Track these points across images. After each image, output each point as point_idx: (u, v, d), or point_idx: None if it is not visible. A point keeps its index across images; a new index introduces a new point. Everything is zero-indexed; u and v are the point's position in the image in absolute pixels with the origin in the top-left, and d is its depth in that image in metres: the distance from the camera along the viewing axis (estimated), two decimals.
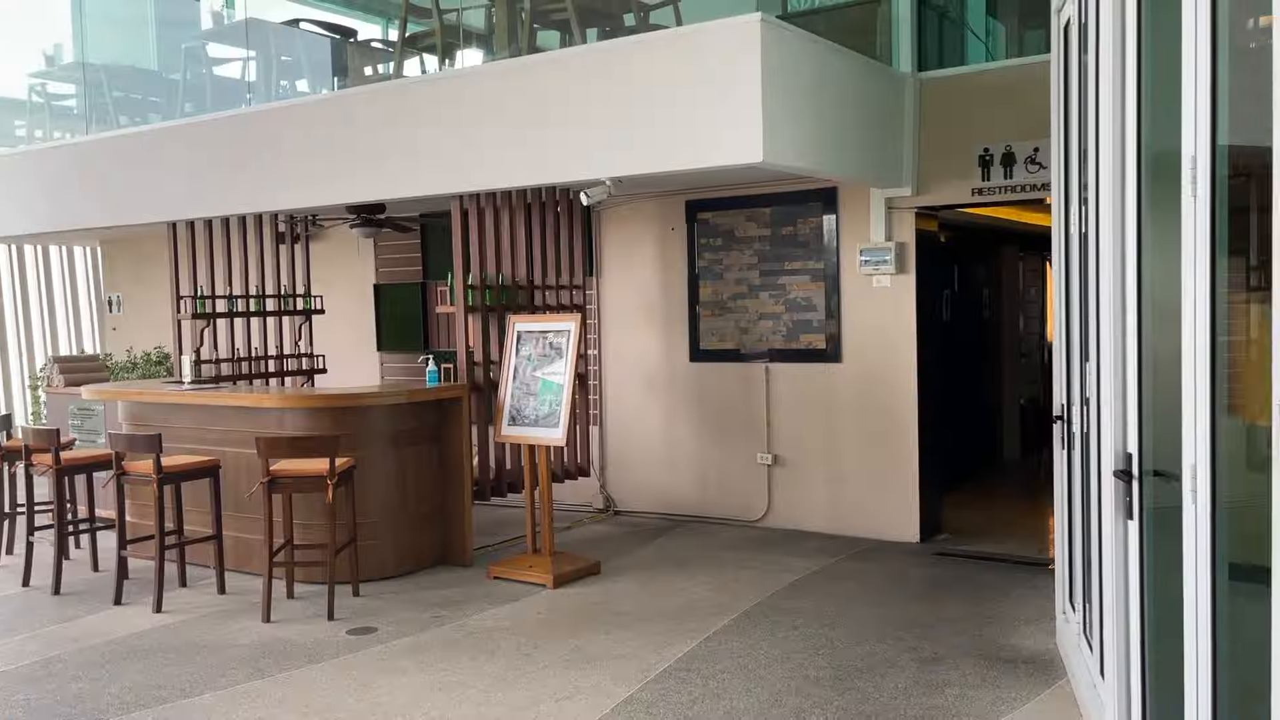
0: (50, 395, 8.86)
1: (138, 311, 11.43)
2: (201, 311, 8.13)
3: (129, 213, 8.35)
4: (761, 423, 7.61)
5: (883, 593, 5.93)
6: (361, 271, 9.78)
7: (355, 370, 9.65)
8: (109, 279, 11.84)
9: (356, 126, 6.97)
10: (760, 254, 7.61)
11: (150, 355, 10.49)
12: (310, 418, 6.38)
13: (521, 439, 6.48)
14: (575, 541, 7.33)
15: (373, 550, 6.42)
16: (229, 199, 7.67)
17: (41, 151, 8.95)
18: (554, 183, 6.45)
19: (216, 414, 6.72)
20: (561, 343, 6.44)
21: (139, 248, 11.32)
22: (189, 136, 7.89)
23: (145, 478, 5.97)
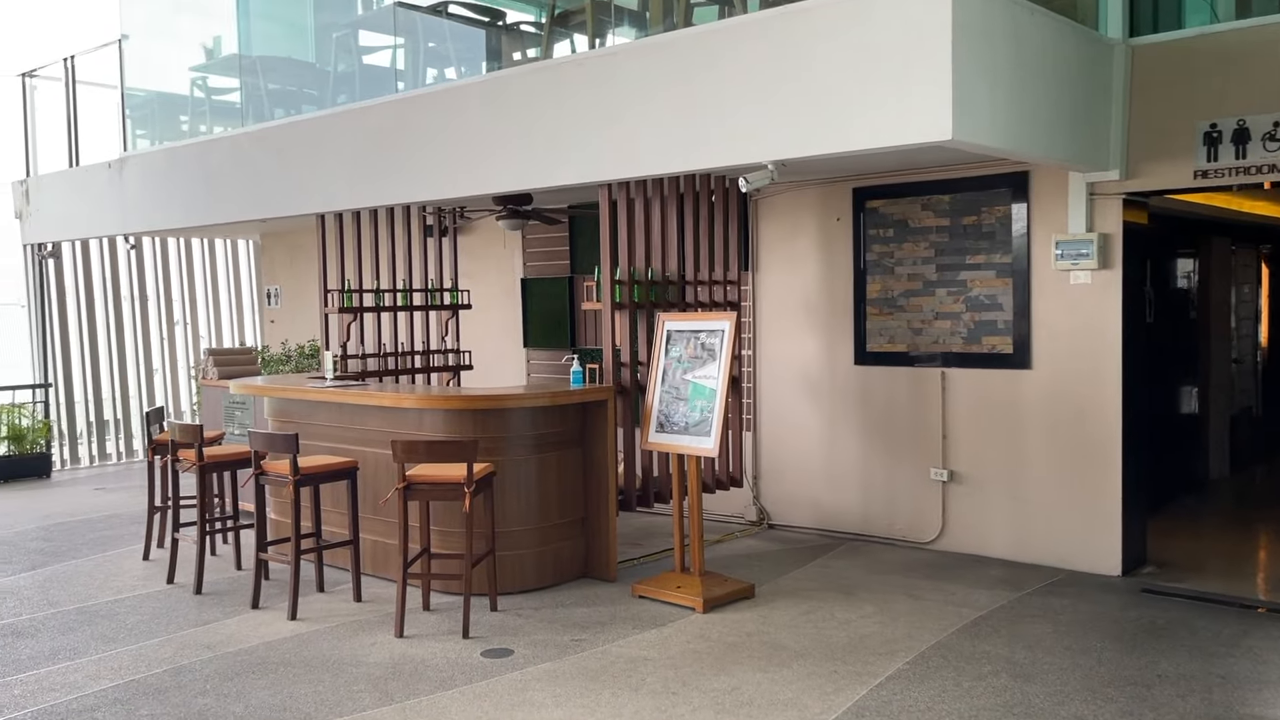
0: (206, 388, 8.91)
1: (294, 304, 11.53)
2: (348, 305, 7.96)
3: (280, 205, 8.27)
4: (936, 434, 6.86)
5: (1084, 638, 5.13)
6: (509, 266, 9.48)
7: (501, 368, 9.36)
8: (268, 272, 12.00)
9: (503, 113, 6.60)
10: (937, 246, 6.85)
11: (304, 349, 10.51)
12: (449, 419, 6.04)
13: (670, 447, 5.97)
14: (725, 557, 6.77)
15: (512, 562, 6.04)
16: (376, 190, 7.45)
17: (201, 145, 9.00)
18: (710, 168, 5.90)
19: (356, 412, 6.49)
20: (715, 344, 5.89)
21: (295, 240, 11.40)
22: (337, 126, 7.72)
23: (283, 478, 5.76)
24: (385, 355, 8.22)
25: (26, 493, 9.89)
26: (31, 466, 10.61)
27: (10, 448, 10.57)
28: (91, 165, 10.19)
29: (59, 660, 5.05)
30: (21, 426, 10.64)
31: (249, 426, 8.18)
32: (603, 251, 6.44)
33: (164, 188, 9.38)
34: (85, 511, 8.84)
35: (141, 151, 9.71)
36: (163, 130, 9.92)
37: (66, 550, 7.40)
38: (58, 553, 7.33)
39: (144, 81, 10.09)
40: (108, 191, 9.92)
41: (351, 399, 6.39)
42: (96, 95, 10.98)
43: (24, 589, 6.39)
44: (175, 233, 11.40)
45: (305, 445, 6.59)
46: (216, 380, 8.59)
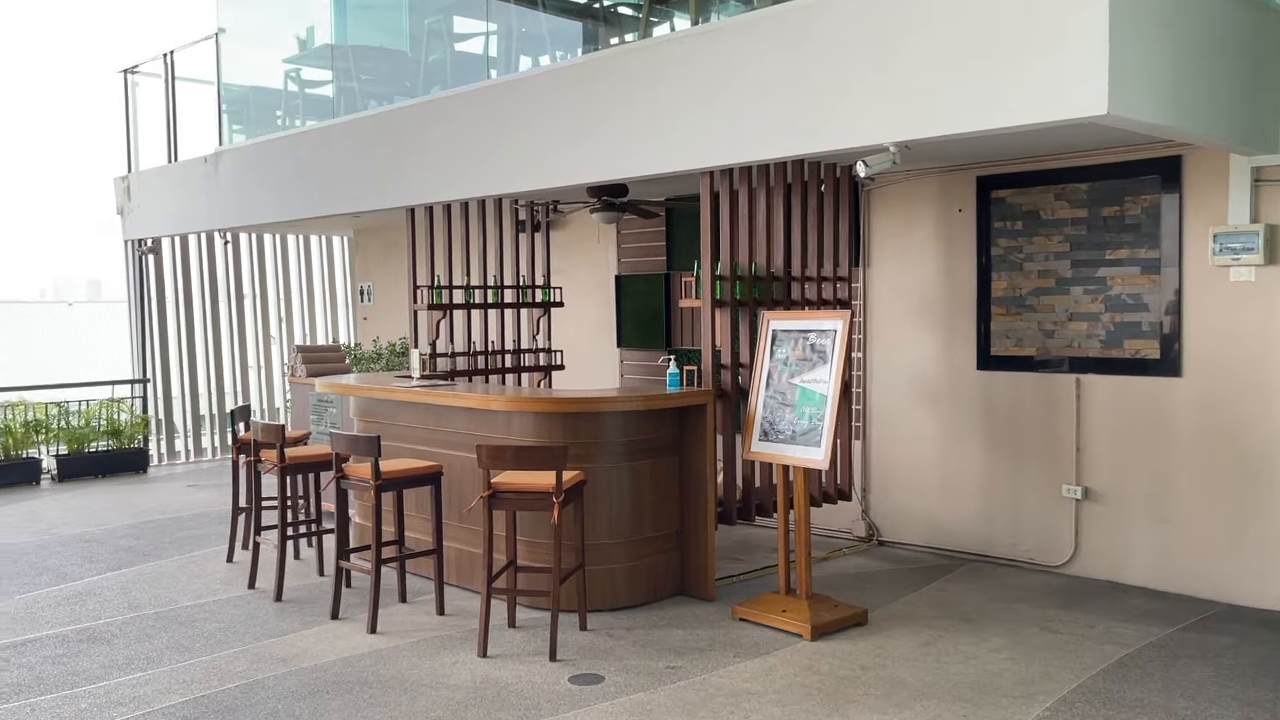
0: (295, 385, 8.75)
1: (386, 301, 11.37)
2: (437, 302, 7.68)
3: (369, 199, 8.04)
4: (1069, 447, 6.22)
5: (1254, 686, 4.47)
6: (603, 261, 9.10)
7: (593, 368, 8.99)
8: (361, 268, 11.88)
9: (598, 98, 6.21)
10: (1073, 240, 6.21)
11: (395, 346, 10.32)
12: (538, 423, 5.67)
13: (775, 458, 5.48)
14: (832, 577, 6.25)
15: (603, 577, 5.63)
16: (467, 182, 7.14)
17: (292, 138, 8.85)
18: (824, 152, 5.38)
19: (442, 414, 6.16)
20: (825, 345, 5.38)
21: (388, 237, 11.24)
22: (427, 117, 7.44)
23: (364, 483, 5.46)
24: (475, 354, 7.92)
25: (122, 488, 9.90)
26: (129, 461, 10.65)
27: (109, 442, 10.64)
28: (188, 160, 10.17)
29: (131, 670, 4.83)
30: (120, 421, 10.70)
31: (337, 426, 7.96)
32: (703, 245, 5.98)
33: (256, 182, 9.27)
34: (176, 509, 8.77)
35: (235, 146, 9.62)
36: (258, 124, 9.83)
37: (153, 550, 7.28)
38: (144, 552, 7.21)
39: (240, 75, 10.02)
40: (203, 187, 9.88)
41: (437, 399, 6.07)
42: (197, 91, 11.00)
43: (107, 590, 6.24)
44: (269, 228, 11.34)
45: (390, 447, 6.31)
46: (305, 378, 8.42)
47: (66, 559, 7.02)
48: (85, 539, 7.63)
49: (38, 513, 8.64)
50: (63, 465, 10.20)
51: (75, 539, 7.62)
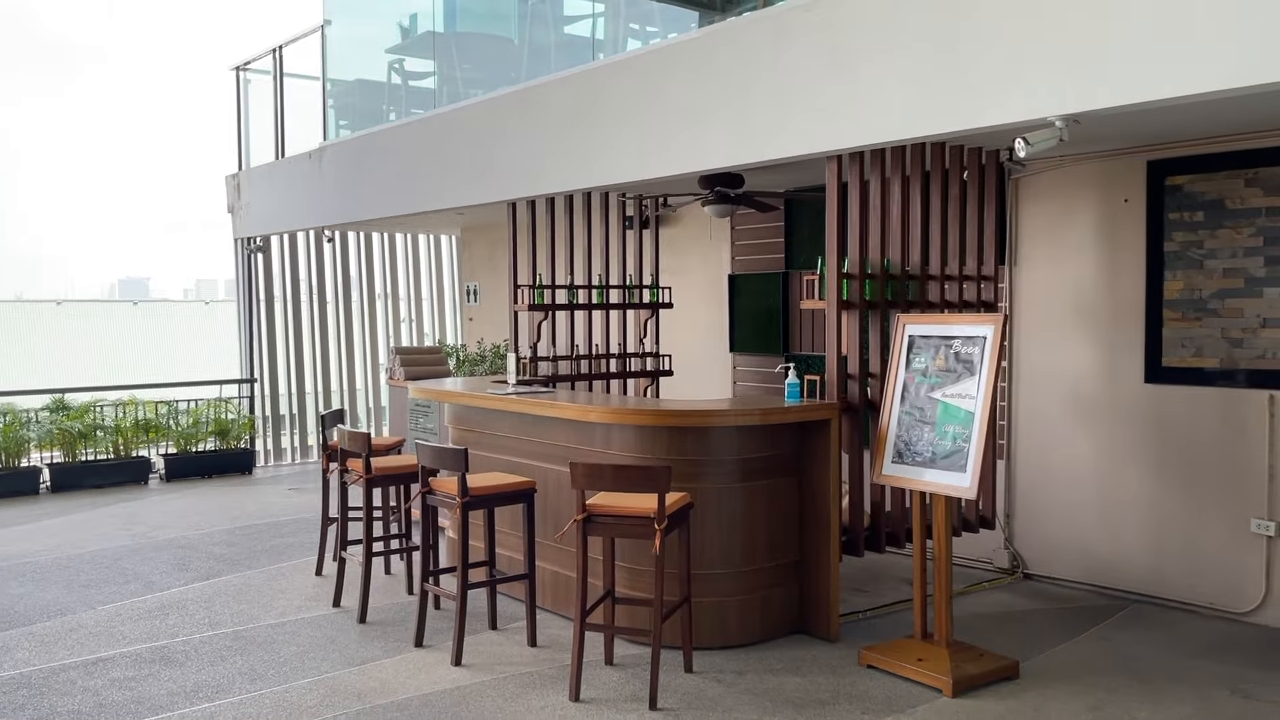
0: (393, 388, 8.41)
1: (492, 302, 11.01)
2: (539, 302, 7.20)
3: (470, 192, 7.62)
4: (1260, 475, 5.31)
5: None
6: (715, 260, 8.49)
7: (704, 375, 8.38)
8: (468, 267, 11.56)
9: (712, 77, 5.60)
10: (1268, 233, 5.30)
11: (498, 348, 9.92)
12: (641, 437, 5.09)
13: (911, 483, 4.77)
14: (972, 616, 5.49)
15: (710, 611, 5.02)
16: (570, 173, 6.63)
17: (393, 130, 8.52)
18: (970, 132, 4.65)
19: (537, 424, 5.65)
20: (973, 354, 4.65)
21: (495, 235, 10.87)
22: (528, 104, 6.97)
23: (451, 499, 4.99)
24: (578, 358, 7.42)
25: (225, 490, 9.77)
26: (235, 462, 10.55)
27: (216, 443, 10.55)
28: (294, 156, 9.99)
29: (197, 699, 4.45)
30: (227, 422, 10.61)
31: (433, 433, 7.57)
32: (828, 239, 5.32)
33: (358, 177, 8.99)
34: (274, 513, 8.54)
35: (337, 141, 9.37)
36: (362, 119, 9.56)
37: (243, 558, 7.00)
38: (234, 560, 6.94)
39: (345, 69, 9.78)
40: (308, 183, 9.67)
41: (531, 408, 5.56)
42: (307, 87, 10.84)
43: (190, 603, 5.95)
44: (374, 226, 11.10)
45: (483, 458, 5.84)
46: (402, 380, 8.06)
47: (157, 566, 6.80)
48: (180, 544, 7.42)
49: (139, 515, 8.52)
50: (170, 465, 10.14)
51: (170, 544, 7.42)
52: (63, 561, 6.92)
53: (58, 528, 8.01)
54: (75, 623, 5.57)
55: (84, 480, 9.64)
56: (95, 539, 7.58)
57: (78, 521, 8.23)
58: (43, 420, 9.66)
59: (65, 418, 9.68)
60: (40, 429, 9.49)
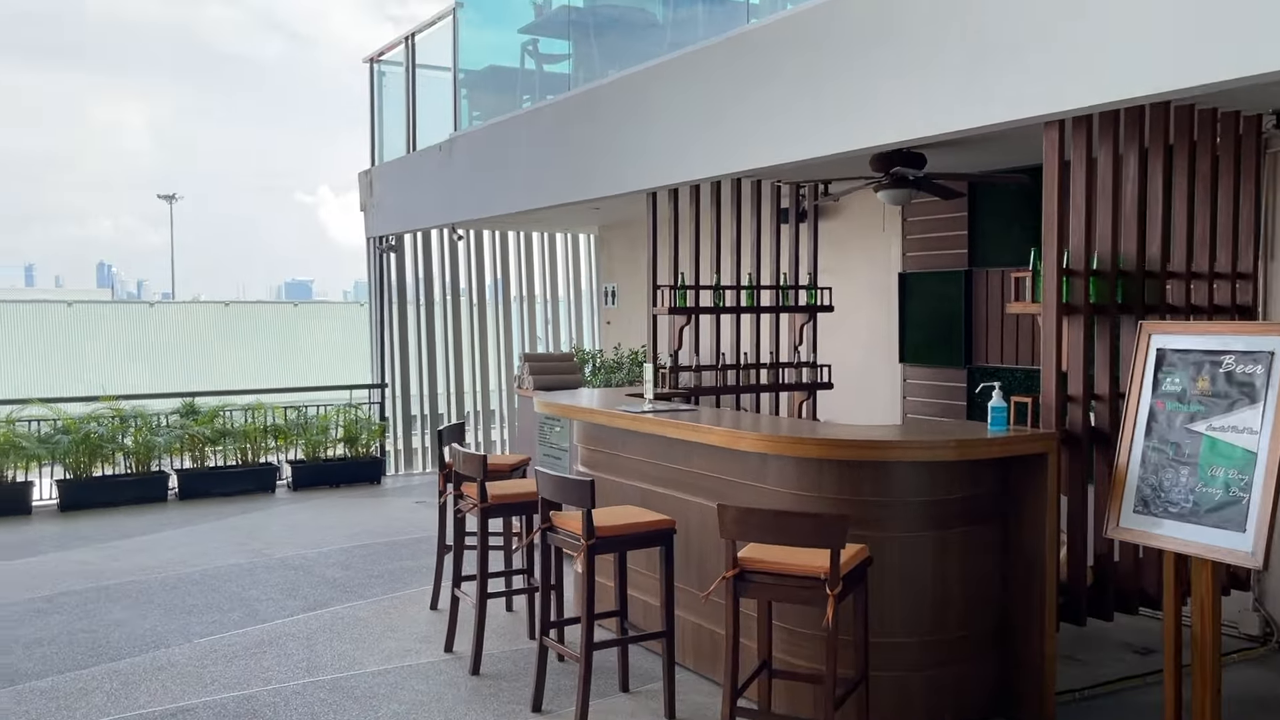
0: (522, 399, 7.71)
1: (632, 304, 10.23)
2: (680, 305, 6.35)
3: (605, 183, 6.83)
4: None
5: None
6: (883, 256, 7.44)
7: (867, 389, 7.35)
8: (605, 267, 10.82)
9: (894, 31, 4.61)
10: None
11: (636, 355, 9.13)
12: (804, 472, 4.16)
13: (1163, 542, 3.67)
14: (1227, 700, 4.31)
15: (892, 689, 4.04)
16: (718, 156, 5.75)
17: (525, 117, 7.83)
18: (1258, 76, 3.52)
19: (678, 448, 4.78)
20: (1255, 375, 3.51)
21: (635, 233, 10.09)
22: (670, 78, 6.12)
23: (574, 539, 4.17)
24: (724, 368, 6.53)
25: (351, 501, 9.31)
26: (363, 471, 10.10)
27: (346, 450, 10.13)
28: (424, 150, 9.45)
29: None
30: (356, 428, 10.17)
31: (561, 450, 6.81)
32: (1045, 227, 4.25)
33: (488, 170, 8.34)
34: (397, 530, 7.96)
35: (467, 131, 8.76)
36: (494, 108, 8.91)
37: (358, 584, 6.40)
38: (348, 586, 6.34)
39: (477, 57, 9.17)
40: (438, 177, 9.10)
41: (670, 430, 4.69)
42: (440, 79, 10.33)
43: (292, 639, 5.34)
44: (508, 223, 10.50)
45: (614, 485, 5.02)
46: (531, 390, 7.34)
47: (267, 591, 6.26)
48: (294, 565, 6.89)
49: (260, 528, 8.08)
50: (298, 473, 9.76)
51: (284, 564, 6.90)
52: (170, 582, 6.47)
53: (176, 540, 7.64)
54: (166, 659, 5.03)
55: (211, 487, 9.34)
56: (210, 555, 7.15)
57: (197, 534, 7.85)
58: (172, 424, 9.42)
59: (194, 422, 9.41)
60: (169, 434, 9.24)
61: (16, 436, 8.63)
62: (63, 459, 8.87)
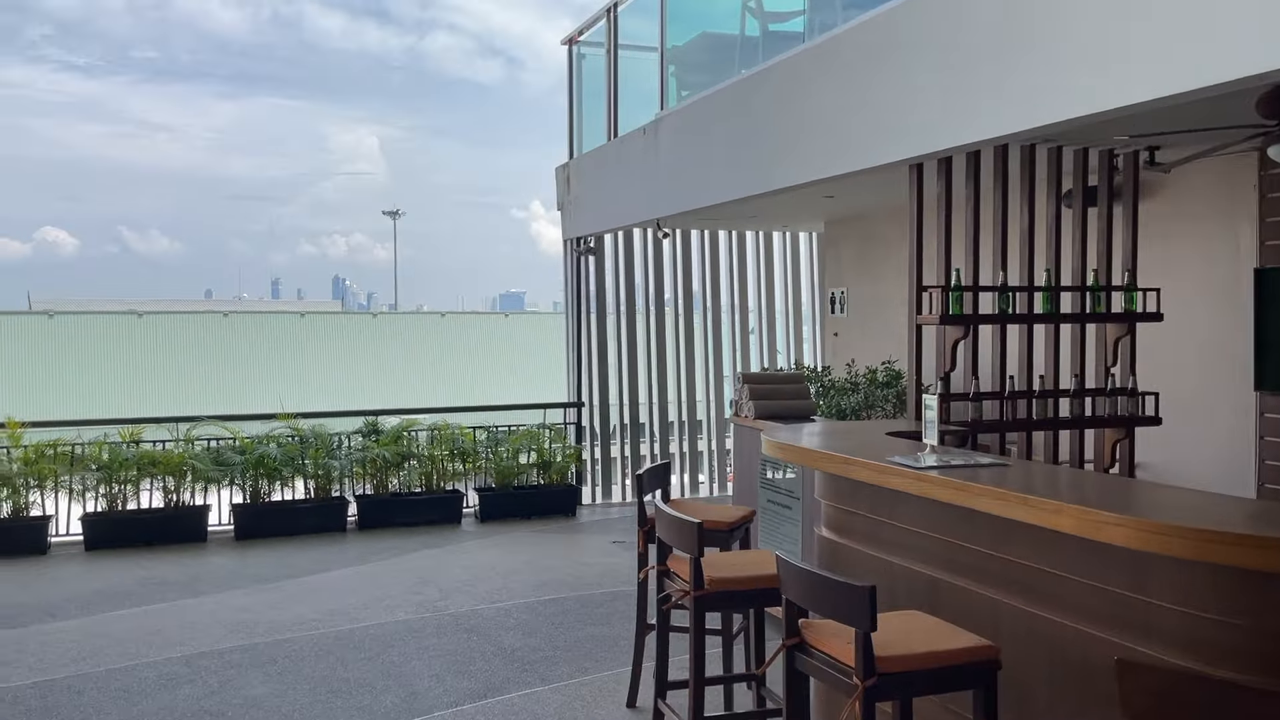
0: (739, 428, 6.30)
1: (863, 313, 8.66)
2: (956, 313, 4.78)
3: (851, 155, 5.32)
4: None
5: None
6: (1226, 246, 5.57)
7: (1205, 425, 5.49)
8: (831, 270, 9.28)
9: None
10: None
11: (876, 374, 7.55)
12: (1221, 585, 2.51)
13: None
14: None
15: None
16: (1011, 104, 4.14)
17: (745, 82, 6.43)
18: None
19: (984, 525, 3.22)
20: None
21: (866, 227, 8.52)
22: (925, 14, 4.55)
23: (838, 672, 2.71)
24: (1012, 396, 4.90)
25: (542, 538, 8.18)
26: (557, 501, 8.98)
27: (539, 476, 9.05)
28: (626, 136, 8.23)
29: None
30: (549, 451, 9.07)
31: (792, 498, 5.36)
32: None
33: (698, 153, 7.01)
34: (592, 580, 6.73)
35: (675, 109, 7.45)
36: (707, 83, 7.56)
37: (541, 659, 5.16)
38: (528, 662, 5.11)
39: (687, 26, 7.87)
40: (640, 166, 7.86)
41: (981, 502, 3.13)
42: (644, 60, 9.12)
43: None
44: (720, 220, 9.14)
45: (877, 565, 3.51)
46: (752, 420, 5.92)
47: (433, 663, 5.13)
48: (469, 624, 5.76)
49: (437, 570, 7.04)
50: (485, 502, 8.75)
51: (457, 624, 5.78)
52: (326, 643, 5.45)
53: (345, 584, 6.70)
54: None
55: (393, 516, 8.46)
56: (378, 606, 6.13)
57: (369, 576, 6.90)
58: (354, 446, 8.61)
59: (376, 444, 8.56)
60: (348, 456, 8.42)
61: (191, 457, 8.00)
62: (239, 481, 8.20)
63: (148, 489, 8.04)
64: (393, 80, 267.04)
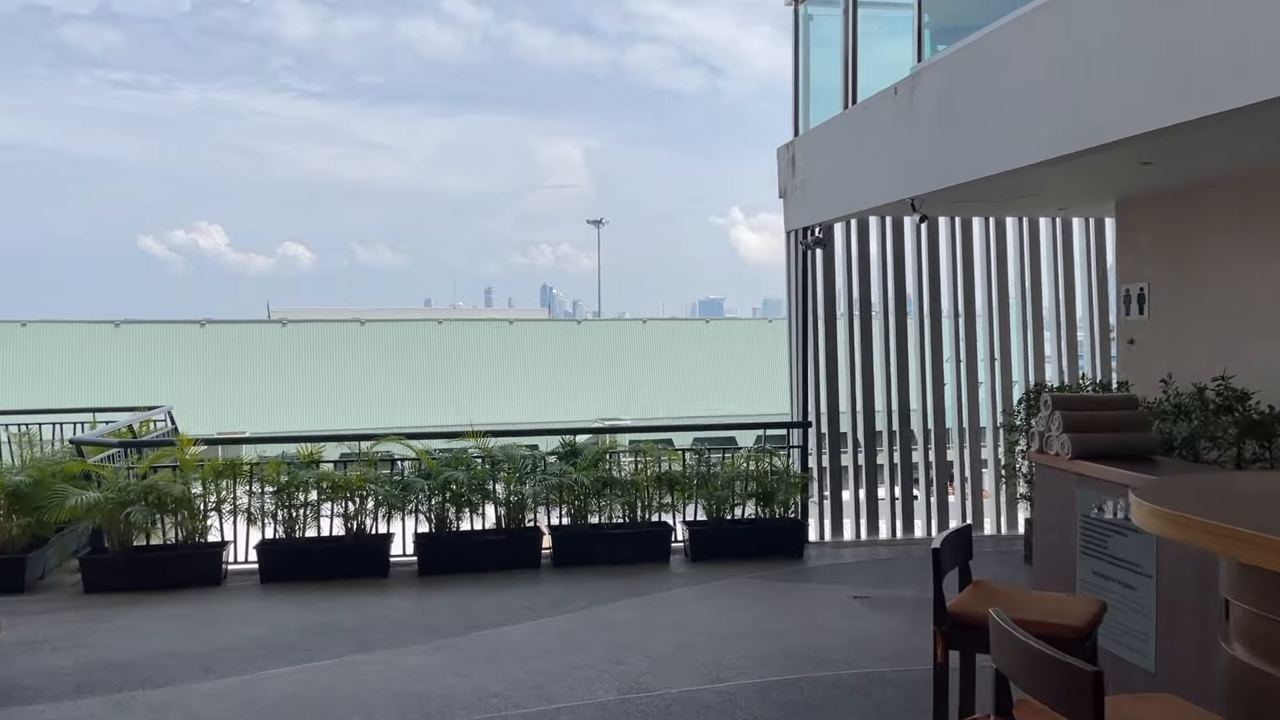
0: (1043, 470, 4.72)
1: (1172, 314, 6.82)
2: None
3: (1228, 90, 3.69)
4: None
5: None
6: None
7: None
8: (1127, 262, 7.44)
9: None
10: None
11: (1203, 392, 5.76)
12: None
13: None
14: None
15: None
16: None
17: (1041, 11, 4.86)
18: None
19: None
20: None
21: (1178, 207, 6.69)
22: None
23: None
24: None
25: (765, 585, 6.84)
26: (780, 538, 7.62)
27: (758, 508, 7.70)
28: (869, 100, 6.77)
29: None
30: (770, 479, 7.71)
31: (1141, 575, 3.78)
32: None
33: (970, 110, 5.48)
34: (837, 652, 5.31)
35: (940, 55, 5.93)
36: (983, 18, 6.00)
37: None
38: None
39: None
40: (888, 135, 6.39)
41: None
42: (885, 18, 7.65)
43: None
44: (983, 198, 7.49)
45: None
46: (1068, 459, 4.35)
47: None
48: (680, 714, 4.48)
49: (643, 632, 5.82)
50: (696, 538, 7.48)
51: (667, 711, 4.52)
52: None
53: (535, 643, 5.58)
54: None
55: (591, 552, 7.33)
56: (571, 678, 4.96)
57: (563, 633, 5.76)
58: (550, 468, 7.54)
59: (574, 468, 7.46)
60: (542, 482, 7.36)
61: (370, 480, 7.14)
62: (422, 508, 7.31)
63: (327, 514, 7.27)
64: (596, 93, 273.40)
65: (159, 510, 6.93)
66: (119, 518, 6.75)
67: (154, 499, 6.85)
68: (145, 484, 6.90)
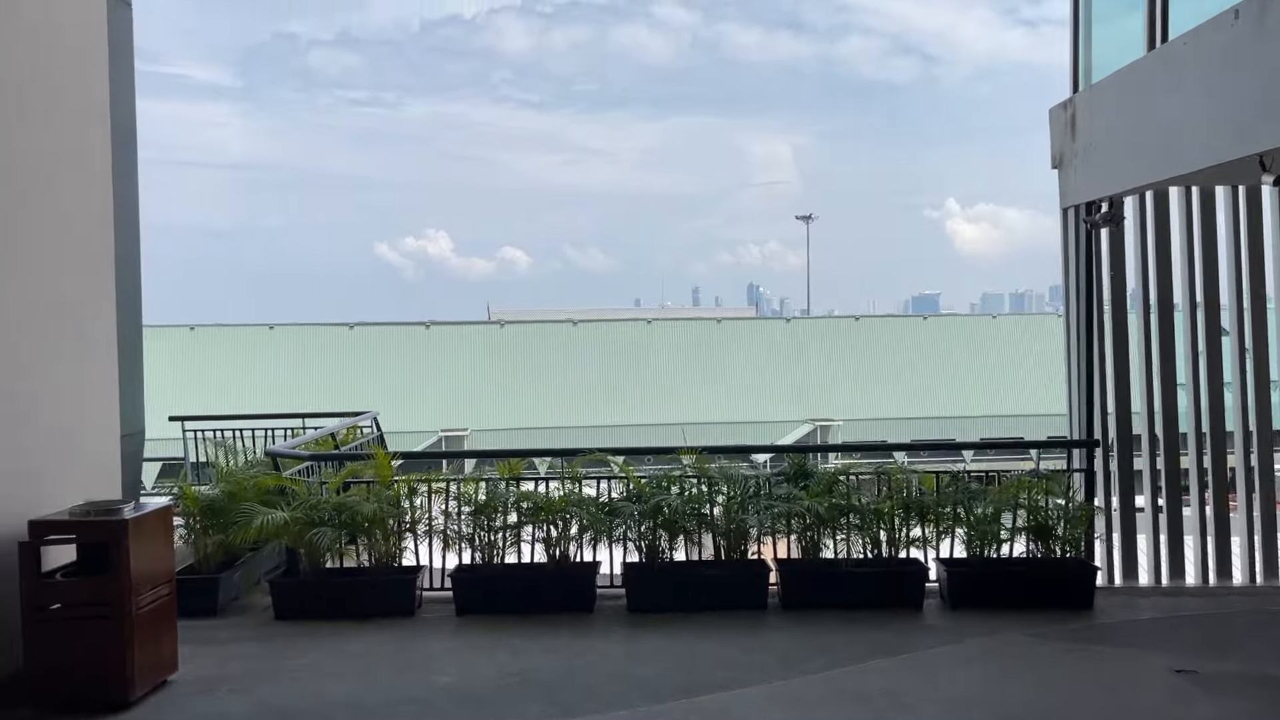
0: None
1: None
2: None
3: None
4: None
5: None
6: None
7: None
8: None
9: None
10: None
11: None
12: None
13: None
14: None
15: None
16: None
17: None
18: None
19: None
20: None
21: None
22: None
23: None
24: None
25: (1049, 647, 5.49)
26: (1063, 584, 6.21)
27: (1031, 545, 6.32)
28: (1195, 31, 5.28)
29: None
30: (1046, 512, 6.30)
31: None
32: None
33: None
34: None
35: None
36: None
37: None
38: None
39: None
40: (1221, 75, 4.91)
41: None
42: None
43: None
44: None
45: None
46: None
47: None
48: None
49: (898, 709, 4.65)
50: (956, 581, 6.20)
51: None
52: None
53: (759, 717, 4.52)
54: None
55: (826, 593, 6.19)
56: None
57: (795, 703, 4.68)
58: (780, 494, 6.46)
59: (805, 493, 6.34)
60: (766, 509, 6.28)
61: (573, 505, 6.30)
62: (630, 535, 6.41)
63: (527, 539, 6.51)
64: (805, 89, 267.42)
65: (350, 529, 6.37)
66: (308, 538, 6.23)
67: (345, 518, 6.29)
68: (337, 501, 6.37)
